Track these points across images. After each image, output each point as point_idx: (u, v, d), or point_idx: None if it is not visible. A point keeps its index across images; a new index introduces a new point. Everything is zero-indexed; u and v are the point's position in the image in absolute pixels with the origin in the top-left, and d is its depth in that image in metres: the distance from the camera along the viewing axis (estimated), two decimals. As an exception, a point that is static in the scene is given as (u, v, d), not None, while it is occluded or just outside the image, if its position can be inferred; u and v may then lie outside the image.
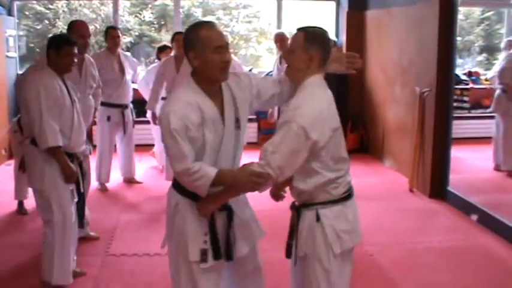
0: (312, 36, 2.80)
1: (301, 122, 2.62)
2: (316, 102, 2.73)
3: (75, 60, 4.25)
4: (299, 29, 2.86)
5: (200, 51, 2.67)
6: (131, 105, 7.15)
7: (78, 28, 5.02)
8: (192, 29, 2.76)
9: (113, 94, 6.76)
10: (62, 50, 4.12)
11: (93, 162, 6.46)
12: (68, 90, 4.18)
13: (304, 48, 2.78)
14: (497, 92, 7.29)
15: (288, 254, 3.01)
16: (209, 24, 2.75)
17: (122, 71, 6.93)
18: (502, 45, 7.72)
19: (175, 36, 6.90)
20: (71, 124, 4.16)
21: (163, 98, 6.83)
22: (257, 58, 12.51)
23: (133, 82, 7.39)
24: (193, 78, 2.76)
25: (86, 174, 4.58)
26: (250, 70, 9.33)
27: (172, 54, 7.16)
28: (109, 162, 7.04)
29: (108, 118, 6.84)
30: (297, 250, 2.91)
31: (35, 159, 4.14)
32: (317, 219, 2.83)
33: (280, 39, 7.30)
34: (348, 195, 2.90)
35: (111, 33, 6.95)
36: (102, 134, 6.96)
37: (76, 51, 4.22)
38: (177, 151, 2.64)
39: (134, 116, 7.25)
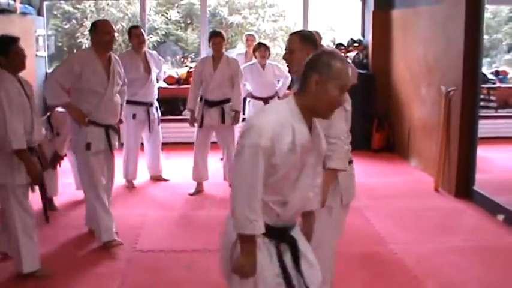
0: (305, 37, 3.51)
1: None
2: None
3: (25, 54, 4.31)
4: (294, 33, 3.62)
5: (324, 79, 2.52)
6: (157, 103, 7.21)
7: (102, 27, 5.04)
8: (326, 54, 2.60)
9: (138, 93, 6.80)
10: (10, 51, 4.20)
11: (120, 160, 6.56)
12: (22, 87, 4.28)
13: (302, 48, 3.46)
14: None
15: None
16: (344, 60, 2.64)
17: (148, 70, 6.99)
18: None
19: (212, 38, 6.62)
20: (31, 119, 4.27)
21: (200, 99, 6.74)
22: (283, 57, 12.51)
23: (158, 80, 7.47)
24: (296, 100, 2.59)
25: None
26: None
27: (209, 54, 6.89)
28: (136, 159, 7.10)
29: (134, 116, 6.92)
30: None
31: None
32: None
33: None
34: (350, 161, 3.63)
35: (134, 32, 7.02)
36: (128, 132, 7.04)
37: (21, 46, 4.29)
38: (251, 168, 2.46)
39: (160, 114, 7.31)
